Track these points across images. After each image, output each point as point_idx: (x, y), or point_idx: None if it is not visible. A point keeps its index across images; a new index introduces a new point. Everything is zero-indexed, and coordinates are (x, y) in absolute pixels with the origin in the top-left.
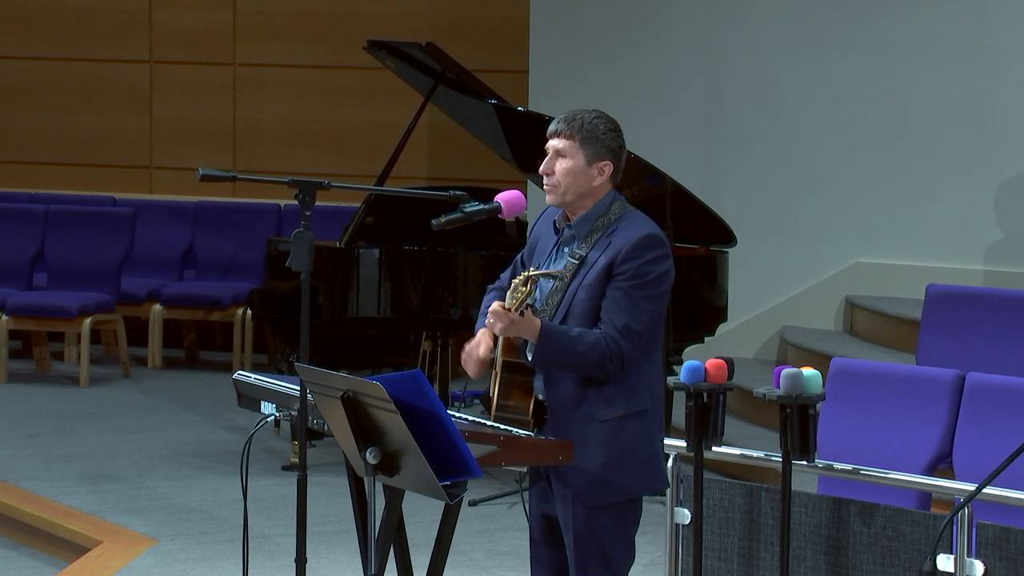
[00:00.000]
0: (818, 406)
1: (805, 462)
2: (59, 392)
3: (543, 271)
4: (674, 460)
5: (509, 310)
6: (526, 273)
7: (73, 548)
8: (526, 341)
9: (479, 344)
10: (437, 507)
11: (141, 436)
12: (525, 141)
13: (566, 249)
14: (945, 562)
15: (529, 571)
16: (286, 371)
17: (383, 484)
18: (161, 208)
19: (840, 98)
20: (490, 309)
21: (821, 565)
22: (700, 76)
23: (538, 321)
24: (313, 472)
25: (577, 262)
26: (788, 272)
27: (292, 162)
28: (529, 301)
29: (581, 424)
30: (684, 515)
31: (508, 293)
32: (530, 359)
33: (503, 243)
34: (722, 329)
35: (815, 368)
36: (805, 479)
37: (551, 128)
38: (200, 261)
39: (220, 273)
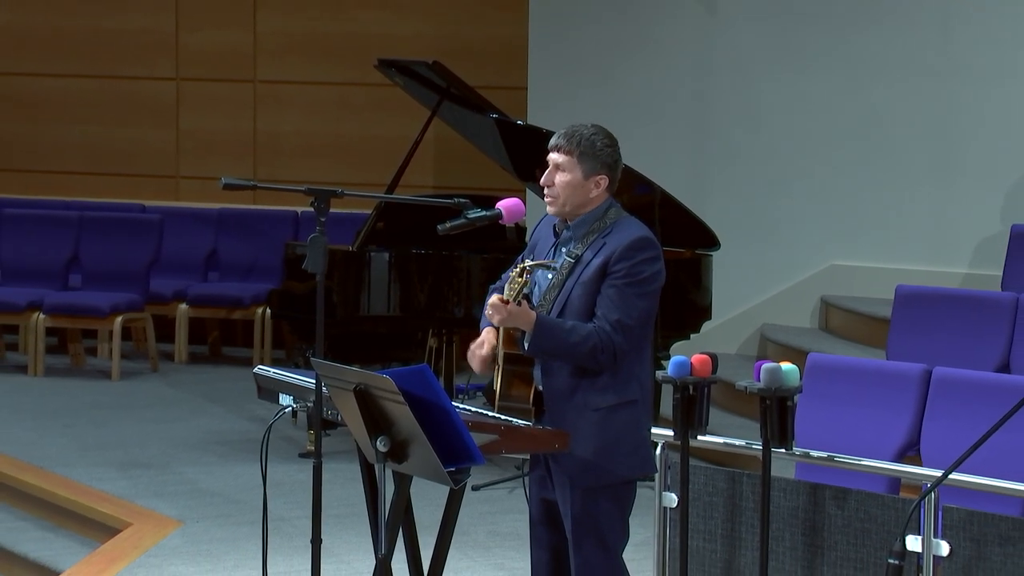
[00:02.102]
0: (796, 398)
1: (784, 450)
2: (92, 385)
3: (537, 262)
4: (662, 448)
5: (507, 302)
6: (521, 265)
7: (106, 530)
8: (524, 332)
9: (483, 344)
10: (442, 492)
11: (169, 426)
12: (524, 152)
13: (563, 249)
14: (913, 543)
15: (528, 551)
16: (302, 366)
17: (392, 470)
18: (187, 215)
19: (817, 112)
20: (488, 302)
21: (799, 546)
22: (687, 91)
23: (534, 313)
24: (328, 459)
25: (573, 261)
26: (768, 274)
27: (308, 172)
28: (525, 291)
29: (575, 412)
30: (671, 499)
31: (506, 285)
32: (526, 347)
33: (503, 247)
34: (707, 327)
35: (793, 363)
36: (783, 466)
37: (552, 142)
38: (223, 264)
39: (241, 275)
